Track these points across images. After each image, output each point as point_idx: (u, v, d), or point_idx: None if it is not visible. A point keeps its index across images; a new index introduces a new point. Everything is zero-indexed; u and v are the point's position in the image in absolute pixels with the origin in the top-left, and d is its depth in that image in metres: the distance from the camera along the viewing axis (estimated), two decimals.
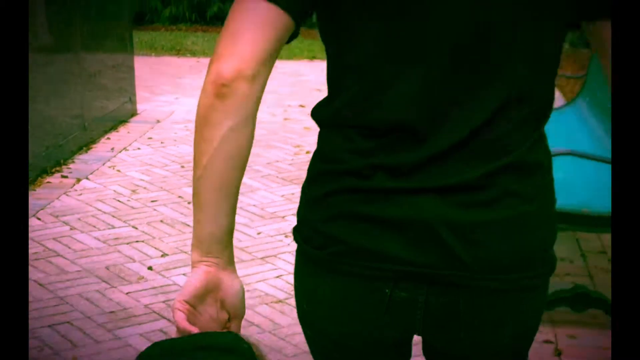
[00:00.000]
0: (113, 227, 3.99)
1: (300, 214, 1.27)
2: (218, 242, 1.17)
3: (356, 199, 1.19)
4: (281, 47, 1.13)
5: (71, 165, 4.96)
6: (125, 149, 5.44)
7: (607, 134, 3.51)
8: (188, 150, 5.22)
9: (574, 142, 3.75)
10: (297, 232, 1.28)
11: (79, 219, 4.08)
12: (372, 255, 1.19)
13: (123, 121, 6.12)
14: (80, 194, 4.47)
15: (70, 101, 5.19)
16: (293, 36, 1.16)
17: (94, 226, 3.99)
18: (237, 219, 1.23)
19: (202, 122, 1.12)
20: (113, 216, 4.14)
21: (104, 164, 5.04)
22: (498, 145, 1.17)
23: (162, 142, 5.62)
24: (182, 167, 4.99)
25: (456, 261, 1.17)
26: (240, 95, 1.09)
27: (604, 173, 3.07)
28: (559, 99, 6.99)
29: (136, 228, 3.98)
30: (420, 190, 1.17)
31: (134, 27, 10.29)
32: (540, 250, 1.24)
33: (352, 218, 1.20)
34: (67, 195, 4.44)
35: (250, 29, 1.10)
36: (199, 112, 1.12)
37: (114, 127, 5.91)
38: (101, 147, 5.44)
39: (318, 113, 1.24)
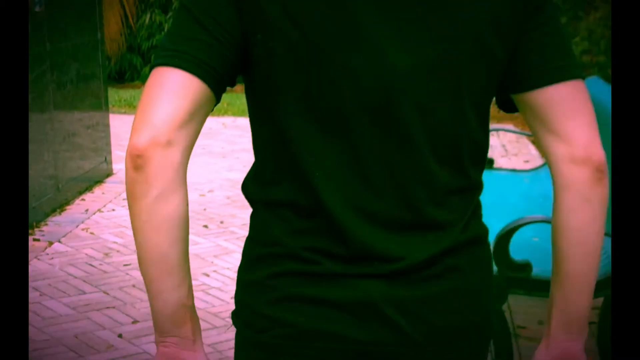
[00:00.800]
0: (84, 293, 3.90)
1: (239, 298, 1.23)
2: (170, 321, 1.13)
3: (300, 282, 1.16)
4: (205, 110, 1.11)
5: (44, 228, 4.87)
6: (99, 210, 5.36)
7: None
8: None
9: (549, 202, 3.72)
10: (237, 317, 1.23)
11: (50, 284, 3.99)
12: (320, 336, 1.16)
13: (98, 181, 6.06)
14: (52, 258, 4.38)
15: (44, 162, 5.13)
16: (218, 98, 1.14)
17: (64, 292, 3.90)
18: (211, 282, 1.18)
19: (129, 197, 1.10)
20: (84, 281, 4.05)
21: (77, 226, 4.96)
22: (439, 222, 1.18)
23: None
24: None
25: (403, 336, 1.17)
26: (157, 163, 1.06)
27: None
28: (536, 158, 7.03)
29: (107, 293, 3.89)
30: (366, 275, 1.16)
31: (113, 85, 10.30)
32: (483, 319, 1.25)
33: (298, 300, 1.16)
34: (38, 259, 4.35)
35: (162, 98, 1.08)
36: (126, 188, 1.10)
37: (88, 188, 5.84)
38: (75, 209, 5.36)
39: (247, 189, 1.22)
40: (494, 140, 7.81)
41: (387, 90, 1.11)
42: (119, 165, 6.61)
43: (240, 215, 5.22)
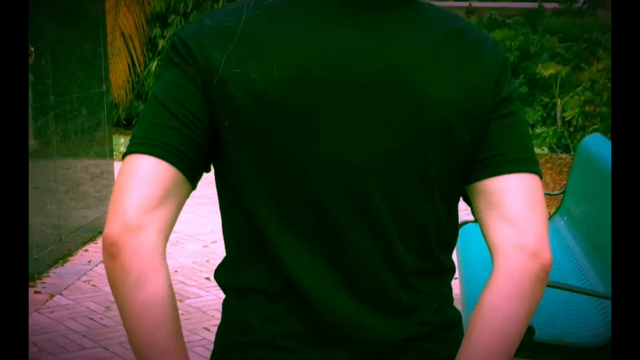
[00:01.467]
0: (83, 348, 3.87)
1: None
2: None
3: None
4: (178, 193, 1.12)
5: (46, 280, 4.86)
6: (102, 261, 5.33)
7: (585, 257, 3.48)
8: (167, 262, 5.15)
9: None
10: None
11: (49, 339, 3.97)
12: None
13: (102, 232, 6.03)
14: (53, 312, 4.37)
15: (48, 212, 5.14)
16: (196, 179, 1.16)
17: (64, 347, 3.88)
18: (211, 337, 1.18)
19: (111, 287, 1.11)
20: (84, 336, 4.03)
21: (79, 278, 4.95)
22: (409, 306, 1.18)
23: None
24: None
25: None
26: (129, 249, 1.08)
27: (584, 303, 3.04)
28: None
29: (107, 349, 3.87)
30: (340, 359, 1.16)
31: (121, 132, 10.38)
32: None
33: None
34: (38, 312, 4.33)
35: (130, 185, 1.10)
36: (107, 277, 1.12)
37: (92, 238, 5.83)
38: (78, 260, 5.36)
39: (219, 276, 1.22)
40: None
41: (355, 179, 1.12)
42: None
43: None
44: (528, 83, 10.23)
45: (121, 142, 9.75)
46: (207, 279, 4.97)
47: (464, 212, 1.44)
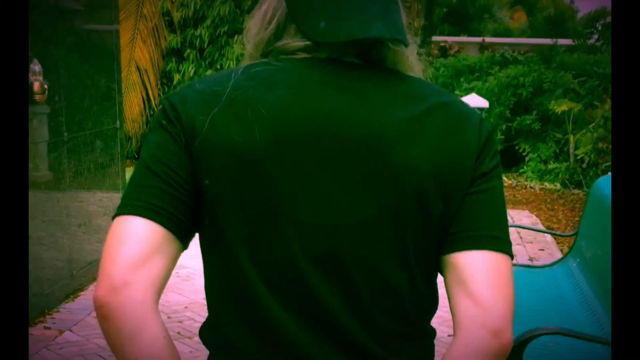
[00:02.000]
0: None
1: None
2: None
3: None
4: (167, 251, 1.15)
5: (56, 315, 4.86)
6: None
7: (598, 299, 3.44)
8: (177, 299, 5.15)
9: (564, 302, 3.68)
10: None
11: None
12: None
13: None
14: (62, 348, 4.35)
15: (60, 246, 5.15)
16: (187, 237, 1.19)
17: None
18: None
19: (107, 344, 1.14)
20: None
21: (89, 314, 4.93)
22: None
23: None
24: (169, 317, 4.89)
25: None
26: (118, 309, 1.10)
27: (597, 349, 3.00)
28: (551, 246, 6.96)
29: None
30: None
31: (135, 164, 10.41)
32: None
33: None
34: (47, 349, 4.32)
35: (115, 246, 1.13)
36: None
37: None
38: (89, 295, 5.34)
39: (203, 334, 1.25)
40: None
41: (331, 243, 1.14)
42: None
43: None
44: (541, 119, 10.24)
45: None
46: None
47: None
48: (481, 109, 8.70)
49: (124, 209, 1.14)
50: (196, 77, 11.39)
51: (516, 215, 8.23)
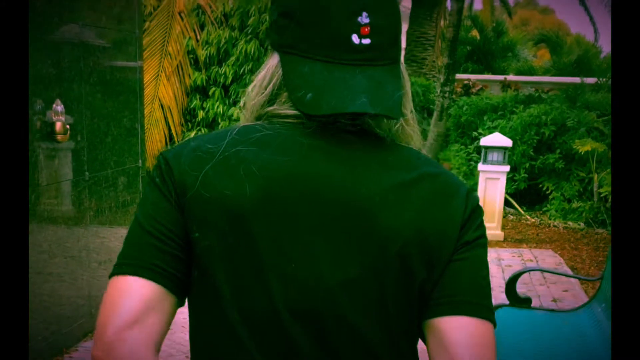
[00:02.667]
0: None
1: None
2: None
3: None
4: (162, 307, 1.17)
5: (74, 354, 4.83)
6: None
7: None
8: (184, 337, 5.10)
9: (588, 346, 3.61)
10: None
11: None
12: None
13: None
14: None
15: (79, 283, 5.15)
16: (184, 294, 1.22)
17: None
18: None
19: None
20: None
21: None
22: None
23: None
24: (187, 357, 4.86)
25: None
26: None
27: None
28: (575, 287, 6.86)
29: None
30: None
31: None
32: None
33: None
34: None
35: (108, 307, 1.15)
36: None
37: None
38: None
39: None
40: (533, 265, 7.67)
41: (315, 301, 1.17)
42: None
43: None
44: (564, 158, 10.16)
45: None
46: None
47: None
48: (504, 148, 8.65)
49: (119, 269, 1.18)
50: (219, 115, 11.44)
51: (540, 255, 8.13)
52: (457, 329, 1.17)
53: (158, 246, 1.17)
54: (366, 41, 1.18)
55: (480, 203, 6.21)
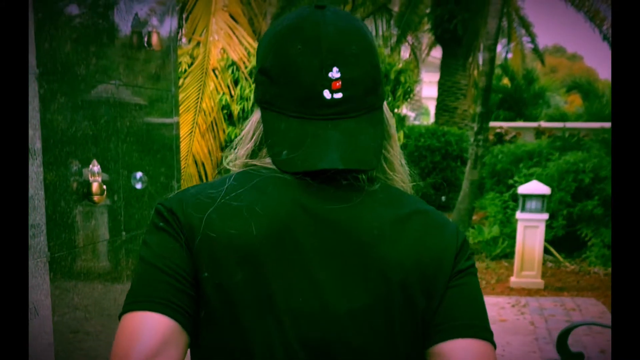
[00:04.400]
0: None
1: None
2: None
3: None
4: (176, 342, 1.16)
5: None
6: None
7: None
8: None
9: None
10: None
11: None
12: None
13: None
14: None
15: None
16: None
17: None
18: None
19: None
20: None
21: None
22: None
23: None
24: None
25: None
26: None
27: None
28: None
29: None
30: None
31: None
32: None
33: None
34: None
35: (124, 343, 1.13)
36: None
37: None
38: None
39: None
40: (577, 315, 7.51)
41: (324, 331, 1.20)
42: None
43: None
44: (603, 204, 10.01)
45: None
46: None
47: None
48: (543, 196, 8.55)
49: (133, 306, 1.17)
50: None
51: (582, 304, 7.95)
52: (459, 350, 1.20)
53: (171, 282, 1.18)
54: (338, 95, 1.21)
55: (519, 251, 6.16)
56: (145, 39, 4.42)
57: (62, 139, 3.53)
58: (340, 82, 1.21)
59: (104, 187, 4.54)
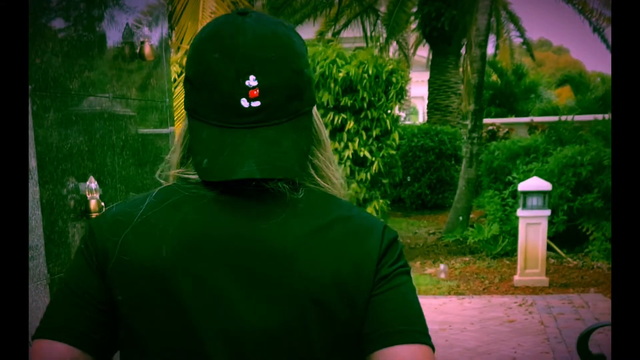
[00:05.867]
0: None
1: None
2: None
3: None
4: None
5: None
6: None
7: None
8: None
9: None
10: None
11: None
12: None
13: None
14: None
15: None
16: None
17: None
18: None
19: None
20: None
21: None
22: None
23: None
24: None
25: None
26: None
27: None
28: None
29: None
30: None
31: None
32: None
33: None
34: None
35: None
36: None
37: None
38: None
39: None
40: (585, 312, 7.40)
41: (240, 351, 1.19)
42: None
43: None
44: (603, 197, 9.93)
45: None
46: None
47: None
48: (544, 192, 8.46)
49: (41, 333, 1.23)
50: None
51: (590, 300, 7.86)
52: (391, 358, 1.19)
53: (79, 305, 1.22)
54: (256, 104, 1.20)
55: (522, 249, 5.99)
56: (138, 50, 4.29)
57: (57, 156, 3.39)
58: (257, 90, 1.20)
59: (102, 203, 4.40)
